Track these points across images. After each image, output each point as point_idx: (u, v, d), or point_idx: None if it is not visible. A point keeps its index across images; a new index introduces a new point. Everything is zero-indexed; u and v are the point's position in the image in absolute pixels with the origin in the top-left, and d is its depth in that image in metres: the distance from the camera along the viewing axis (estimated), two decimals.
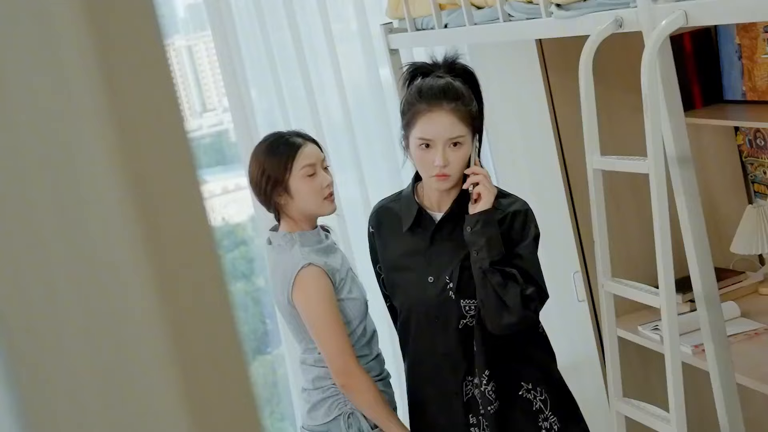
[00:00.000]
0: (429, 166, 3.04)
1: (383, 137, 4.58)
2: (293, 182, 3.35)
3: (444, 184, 3.07)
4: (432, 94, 3.04)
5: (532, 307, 3.01)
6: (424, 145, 3.03)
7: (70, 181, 0.76)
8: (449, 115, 3.02)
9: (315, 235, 3.41)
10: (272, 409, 4.88)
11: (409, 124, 3.07)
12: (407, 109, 3.09)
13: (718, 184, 4.39)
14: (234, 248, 4.95)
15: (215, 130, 4.93)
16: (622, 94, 4.12)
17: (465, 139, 3.04)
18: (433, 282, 3.14)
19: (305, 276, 3.31)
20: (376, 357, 3.46)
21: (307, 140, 3.43)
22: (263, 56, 4.42)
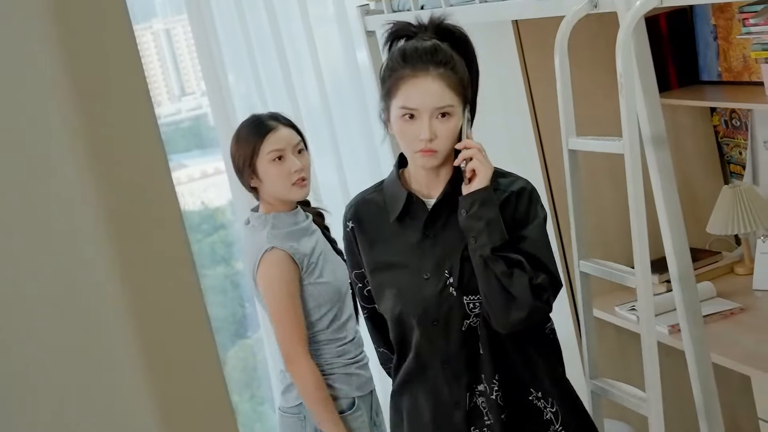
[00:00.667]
0: (413, 140, 2.64)
1: (361, 120, 4.57)
2: (261, 166, 3.38)
3: (431, 160, 2.66)
4: (417, 56, 2.64)
5: (543, 297, 2.64)
6: (407, 116, 2.63)
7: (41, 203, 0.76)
8: (436, 81, 2.63)
9: (291, 217, 3.42)
10: (252, 393, 4.89)
11: (390, 93, 2.67)
12: (388, 74, 2.69)
13: (694, 165, 4.41)
14: (213, 232, 4.95)
15: (194, 114, 4.91)
16: (599, 75, 4.12)
17: (455, 110, 2.66)
18: (430, 279, 2.73)
19: (267, 259, 3.34)
20: (352, 340, 3.47)
21: (281, 123, 3.43)
22: (240, 40, 4.40)
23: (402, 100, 2.65)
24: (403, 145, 2.70)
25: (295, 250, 3.34)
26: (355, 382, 3.44)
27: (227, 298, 4.89)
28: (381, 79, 2.74)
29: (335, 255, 3.51)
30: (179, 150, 5.00)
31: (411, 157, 2.71)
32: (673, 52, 4.29)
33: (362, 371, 3.47)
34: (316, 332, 3.41)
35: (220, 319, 4.81)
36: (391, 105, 2.68)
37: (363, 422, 3.44)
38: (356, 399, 3.43)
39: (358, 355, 3.47)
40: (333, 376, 3.41)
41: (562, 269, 4.15)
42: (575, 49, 3.20)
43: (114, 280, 0.80)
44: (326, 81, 4.53)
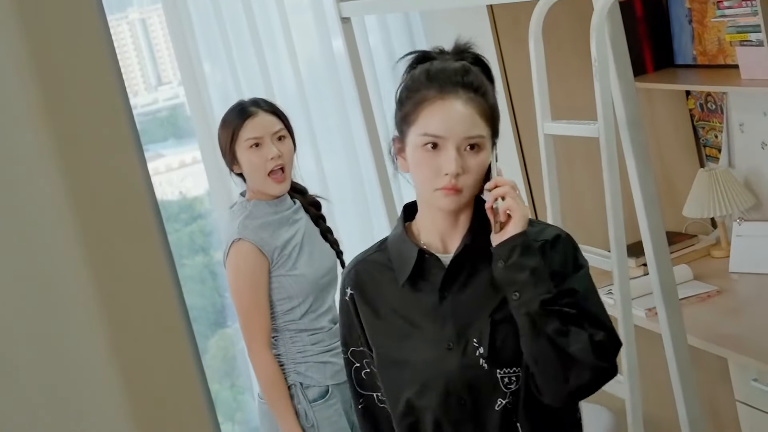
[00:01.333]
0: (435, 175, 2.21)
1: (337, 108, 4.56)
2: (239, 152, 3.38)
3: (454, 200, 2.22)
4: (446, 77, 2.24)
5: (607, 357, 2.22)
6: (430, 145, 2.20)
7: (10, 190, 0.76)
8: (467, 106, 2.22)
9: (272, 206, 3.41)
10: (232, 382, 4.88)
11: (409, 117, 2.25)
12: (406, 96, 2.28)
13: (670, 149, 4.42)
14: (192, 222, 4.94)
15: (171, 104, 4.90)
16: (575, 59, 4.13)
17: (485, 142, 2.24)
18: (453, 349, 2.28)
19: (234, 250, 3.35)
20: (330, 329, 3.47)
21: (263, 110, 3.42)
22: (215, 29, 4.39)
23: (424, 126, 2.22)
24: (421, 182, 2.25)
25: (264, 242, 3.33)
26: (329, 370, 3.44)
27: (206, 288, 4.89)
28: (397, 102, 2.32)
29: (321, 244, 3.49)
30: (156, 140, 4.98)
31: (428, 198, 2.26)
32: (648, 35, 4.30)
33: (338, 359, 3.45)
34: (287, 322, 3.41)
35: (199, 308, 4.81)
36: (409, 132, 2.26)
37: (337, 410, 3.43)
38: (330, 387, 3.43)
39: (333, 342, 3.46)
40: (306, 363, 3.41)
41: None
42: (551, 33, 3.21)
43: (87, 273, 0.80)
44: (302, 69, 4.52)
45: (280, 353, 3.42)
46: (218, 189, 4.41)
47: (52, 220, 0.78)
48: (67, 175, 0.78)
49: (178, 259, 4.66)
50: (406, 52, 2.42)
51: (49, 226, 0.78)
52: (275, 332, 3.42)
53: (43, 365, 0.80)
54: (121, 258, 0.81)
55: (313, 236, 3.48)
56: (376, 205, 4.51)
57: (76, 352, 0.79)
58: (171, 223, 4.80)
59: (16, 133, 0.77)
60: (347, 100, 4.51)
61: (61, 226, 0.78)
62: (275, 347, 3.42)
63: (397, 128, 2.33)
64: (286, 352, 3.41)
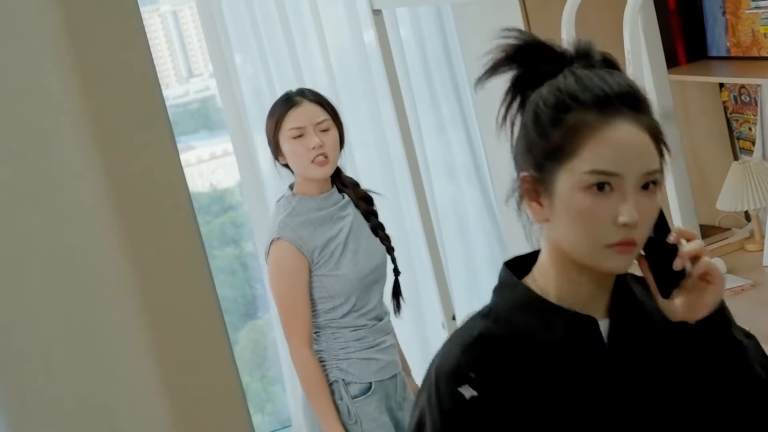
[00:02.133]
0: (606, 227, 1.64)
1: (368, 101, 4.57)
2: (282, 142, 3.35)
3: (629, 259, 1.67)
4: (605, 95, 1.66)
5: None
6: (596, 188, 1.63)
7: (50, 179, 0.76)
8: (642, 133, 1.66)
9: (318, 201, 3.37)
10: (263, 374, 4.90)
11: (564, 149, 1.66)
12: (553, 118, 1.68)
13: (703, 141, 4.39)
14: (222, 213, 4.96)
15: (202, 96, 4.92)
16: (608, 51, 4.10)
17: (661, 178, 1.69)
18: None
19: (274, 249, 3.33)
20: (374, 326, 3.44)
21: (307, 99, 3.39)
22: (247, 21, 4.40)
23: (591, 161, 1.64)
24: (583, 235, 1.67)
25: (303, 241, 3.30)
26: (372, 367, 3.41)
27: (237, 279, 4.91)
28: (534, 127, 1.71)
29: (370, 241, 3.45)
30: (187, 132, 5.00)
31: (591, 256, 1.67)
32: (681, 27, 4.27)
33: (382, 355, 3.43)
34: (328, 320, 3.38)
35: (230, 299, 4.83)
36: (560, 170, 1.67)
37: (379, 407, 3.39)
38: (372, 383, 3.40)
39: (377, 339, 3.43)
40: (348, 360, 3.38)
41: None
42: (583, 26, 3.19)
43: (123, 264, 0.80)
44: (333, 61, 4.52)
45: (322, 349, 3.39)
46: (249, 180, 4.42)
47: (88, 212, 0.78)
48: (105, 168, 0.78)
49: (208, 250, 4.64)
50: (490, 63, 1.84)
51: (86, 218, 0.78)
52: (317, 329, 3.39)
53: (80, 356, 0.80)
54: (159, 249, 0.80)
55: (360, 232, 3.43)
56: (406, 196, 4.50)
57: (114, 344, 0.80)
58: (202, 214, 4.82)
59: (55, 126, 0.77)
60: (378, 92, 4.51)
61: (98, 218, 0.78)
62: (317, 343, 3.40)
63: (528, 163, 1.73)
64: (328, 348, 3.39)
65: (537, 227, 1.78)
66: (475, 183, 4.79)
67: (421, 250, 4.48)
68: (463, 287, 4.81)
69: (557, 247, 1.73)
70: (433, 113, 4.72)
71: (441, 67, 4.70)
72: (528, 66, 1.78)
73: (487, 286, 5.33)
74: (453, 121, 4.75)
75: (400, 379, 3.49)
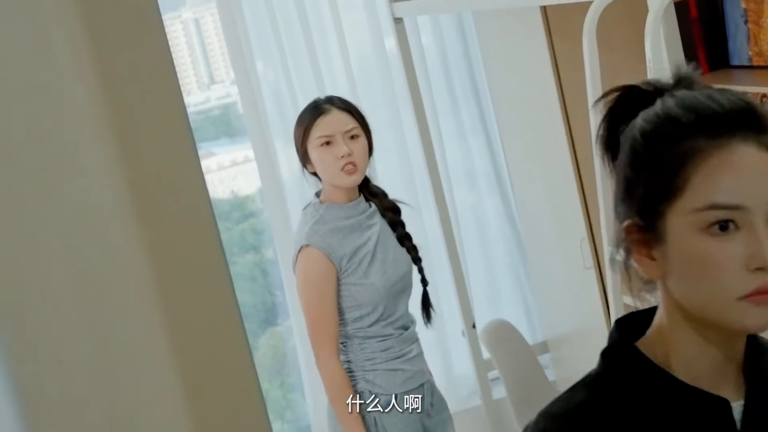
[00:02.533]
0: (734, 273, 1.34)
1: (389, 108, 4.57)
2: (311, 151, 3.33)
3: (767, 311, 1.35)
4: (715, 114, 1.38)
5: None
6: (716, 227, 1.34)
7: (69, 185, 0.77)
8: (763, 153, 1.37)
9: (346, 210, 3.35)
10: (282, 380, 4.90)
11: (669, 187, 1.38)
12: (661, 145, 1.39)
13: None
14: (243, 220, 4.96)
15: (223, 103, 4.93)
16: (630, 60, 4.10)
17: None
18: None
19: (303, 256, 3.31)
20: (400, 336, 3.42)
21: (336, 107, 3.36)
22: (268, 28, 4.41)
23: (708, 195, 1.35)
24: (707, 289, 1.37)
25: (332, 249, 3.28)
26: (399, 378, 3.38)
27: (257, 286, 4.91)
28: (631, 164, 1.43)
29: (396, 250, 3.43)
30: (209, 138, 5.02)
31: (727, 310, 1.36)
32: (702, 36, 4.26)
33: (408, 366, 3.41)
34: (356, 329, 3.35)
35: (250, 306, 4.83)
36: (670, 211, 1.38)
37: (405, 418, 3.36)
38: (399, 395, 3.37)
39: (404, 348, 3.40)
40: (375, 371, 3.36)
41: (593, 256, 4.14)
42: (605, 34, 3.19)
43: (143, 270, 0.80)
44: (354, 68, 4.53)
45: (349, 360, 3.37)
46: (270, 187, 4.43)
47: (108, 218, 0.78)
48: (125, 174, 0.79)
49: (229, 257, 4.67)
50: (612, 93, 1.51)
51: (106, 224, 0.78)
52: (344, 338, 3.37)
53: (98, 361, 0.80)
54: (178, 255, 0.81)
55: (387, 242, 3.41)
56: (427, 203, 4.50)
57: (133, 350, 0.80)
58: (222, 221, 4.83)
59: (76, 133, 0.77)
60: (399, 100, 4.52)
61: (118, 225, 0.78)
62: (344, 353, 3.38)
63: (631, 209, 1.43)
64: (355, 359, 3.37)
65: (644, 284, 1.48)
66: (496, 190, 4.79)
67: (441, 258, 4.48)
68: (483, 295, 4.81)
69: (677, 304, 1.42)
70: (453, 120, 4.73)
71: (462, 74, 4.71)
72: (619, 100, 1.49)
73: (507, 294, 5.36)
74: (473, 128, 4.75)
75: (427, 387, 3.46)
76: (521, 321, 4.80)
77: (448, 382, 4.59)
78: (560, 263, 4.39)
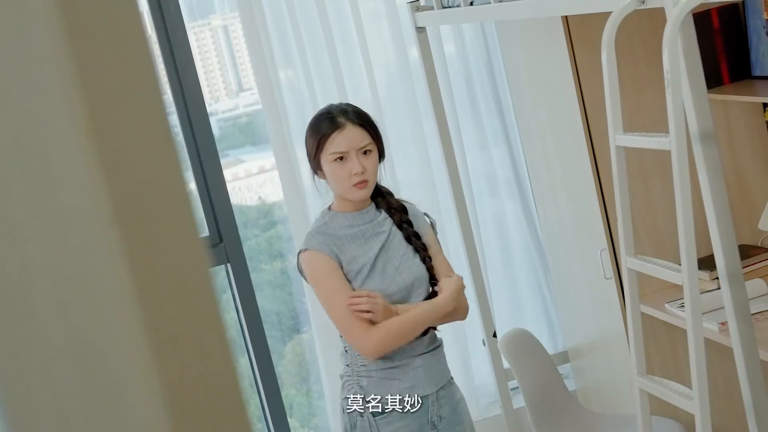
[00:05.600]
0: None
1: (411, 117, 4.58)
2: (323, 163, 3.33)
3: None
4: None
5: None
6: None
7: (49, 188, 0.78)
8: None
9: (350, 218, 3.35)
10: (309, 388, 4.91)
11: None
12: None
13: (746, 161, 4.37)
14: (270, 227, 4.98)
15: (252, 110, 4.95)
16: (649, 70, 4.10)
17: None
18: None
19: (303, 261, 3.33)
20: None
21: (351, 122, 3.34)
22: (291, 37, 4.43)
23: None
24: None
25: (330, 250, 3.29)
26: (395, 388, 3.34)
27: (284, 293, 4.92)
28: None
29: (402, 259, 3.38)
30: (236, 145, 5.04)
31: None
32: (724, 46, 4.25)
33: (405, 377, 3.35)
34: None
35: (276, 313, 4.84)
36: None
37: (401, 427, 3.33)
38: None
39: (402, 360, 3.35)
40: (369, 378, 3.32)
41: (613, 266, 4.13)
42: (626, 43, 3.20)
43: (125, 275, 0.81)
44: (377, 78, 4.54)
45: (348, 364, 3.37)
46: (292, 195, 4.45)
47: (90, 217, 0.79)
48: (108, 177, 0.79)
49: (255, 264, 4.70)
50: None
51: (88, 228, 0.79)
52: (345, 343, 3.35)
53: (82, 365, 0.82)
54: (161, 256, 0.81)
55: (394, 251, 3.38)
56: (448, 213, 4.51)
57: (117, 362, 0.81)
58: (250, 228, 4.85)
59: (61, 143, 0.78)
60: (421, 109, 4.53)
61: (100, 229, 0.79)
62: (345, 358, 3.38)
63: None
64: (352, 363, 3.36)
65: None
66: (517, 199, 4.79)
67: (462, 267, 4.49)
68: (504, 305, 4.81)
69: None
70: (475, 129, 4.73)
71: (484, 84, 4.71)
72: None
73: (528, 303, 5.38)
74: (495, 138, 4.76)
75: (432, 399, 3.39)
76: (542, 330, 4.80)
77: (469, 391, 4.59)
78: (581, 273, 4.38)
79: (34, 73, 0.76)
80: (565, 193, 4.36)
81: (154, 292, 0.81)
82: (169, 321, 0.82)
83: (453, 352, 4.48)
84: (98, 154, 0.78)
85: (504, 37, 4.51)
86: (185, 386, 0.83)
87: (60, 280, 0.78)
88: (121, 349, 0.80)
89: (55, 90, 0.76)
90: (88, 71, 0.77)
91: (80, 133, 0.77)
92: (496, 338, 4.36)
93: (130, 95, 0.82)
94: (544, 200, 4.58)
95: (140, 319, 0.80)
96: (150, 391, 0.81)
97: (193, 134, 4.28)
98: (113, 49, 0.80)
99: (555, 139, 4.33)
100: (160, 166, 0.82)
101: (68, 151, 0.77)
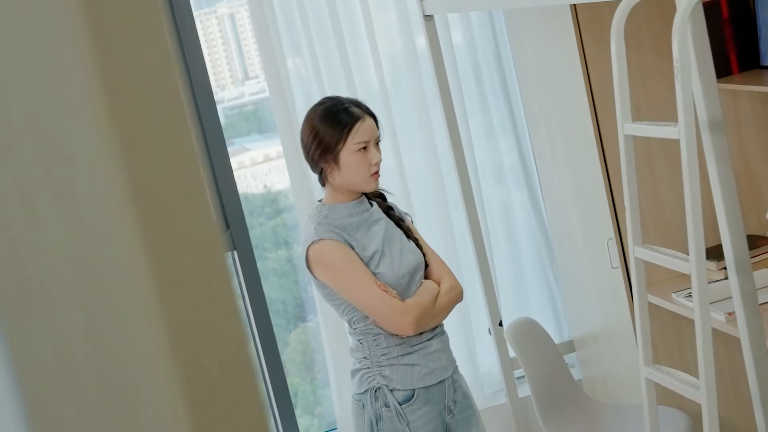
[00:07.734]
0: None
1: (419, 106, 4.58)
2: (344, 154, 3.31)
3: None
4: None
5: None
6: None
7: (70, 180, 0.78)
8: None
9: (349, 208, 3.37)
10: (313, 376, 4.92)
11: None
12: None
13: (754, 151, 4.36)
14: (276, 215, 4.98)
15: (257, 98, 4.94)
16: (658, 59, 4.09)
17: None
18: None
19: (316, 251, 3.30)
20: None
21: (366, 113, 3.38)
22: (299, 25, 4.43)
23: None
24: None
25: (343, 238, 3.29)
26: (416, 374, 3.35)
27: (289, 281, 4.92)
28: None
29: (401, 243, 3.42)
30: (242, 134, 5.04)
31: None
32: (734, 36, 4.24)
33: (426, 361, 3.38)
34: (367, 325, 3.34)
35: (281, 301, 4.85)
36: None
37: (426, 413, 3.35)
38: (417, 390, 3.36)
39: (420, 343, 3.37)
40: (391, 366, 3.33)
41: (620, 255, 4.13)
42: (637, 33, 3.19)
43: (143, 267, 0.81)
44: (384, 66, 4.53)
45: (365, 356, 3.36)
46: (299, 184, 4.44)
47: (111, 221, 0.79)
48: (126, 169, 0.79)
49: (261, 252, 4.70)
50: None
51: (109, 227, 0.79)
52: (360, 335, 3.36)
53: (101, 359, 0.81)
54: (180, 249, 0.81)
55: (393, 237, 3.41)
56: (455, 203, 4.51)
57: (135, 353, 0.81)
58: (255, 216, 4.85)
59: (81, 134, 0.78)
60: (429, 98, 4.52)
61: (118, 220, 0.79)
62: (360, 350, 3.37)
63: None
64: (370, 355, 3.36)
65: None
66: (524, 188, 4.79)
67: (468, 255, 4.49)
68: (510, 293, 4.81)
69: None
70: (482, 118, 4.73)
71: (491, 72, 4.71)
72: None
73: (535, 292, 5.39)
74: (503, 126, 4.75)
75: (449, 383, 3.44)
76: (548, 319, 4.80)
77: (474, 379, 4.59)
78: (587, 262, 4.38)
79: (53, 62, 0.76)
80: (572, 182, 4.36)
81: (171, 284, 0.81)
82: (186, 313, 0.82)
83: (459, 341, 4.48)
84: (117, 146, 0.77)
85: (512, 25, 4.50)
86: (203, 376, 0.83)
87: (79, 274, 0.78)
88: (139, 340, 0.80)
89: (75, 78, 0.76)
90: (107, 59, 0.77)
91: (99, 122, 0.77)
92: (502, 327, 4.36)
93: (149, 84, 0.82)
94: (551, 189, 4.58)
95: (158, 311, 0.80)
96: (168, 382, 0.81)
97: (201, 122, 4.28)
98: (132, 37, 0.80)
99: (562, 127, 4.32)
100: (178, 157, 0.82)
101: (87, 143, 0.77)
